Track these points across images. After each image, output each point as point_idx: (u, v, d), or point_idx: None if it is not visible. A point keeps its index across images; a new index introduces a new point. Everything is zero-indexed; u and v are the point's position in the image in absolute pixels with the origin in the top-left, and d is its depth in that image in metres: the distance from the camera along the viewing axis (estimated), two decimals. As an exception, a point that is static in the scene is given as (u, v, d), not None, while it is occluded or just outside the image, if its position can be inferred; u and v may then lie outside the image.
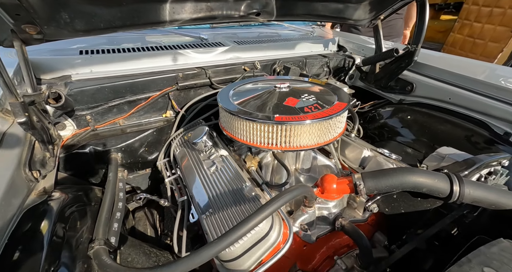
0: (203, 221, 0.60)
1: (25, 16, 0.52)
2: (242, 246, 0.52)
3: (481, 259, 0.37)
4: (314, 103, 0.66)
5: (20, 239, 0.45)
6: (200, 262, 0.43)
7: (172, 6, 0.70)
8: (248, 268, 0.53)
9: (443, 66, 1.01)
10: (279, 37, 1.31)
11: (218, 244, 0.44)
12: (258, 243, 0.54)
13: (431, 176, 0.54)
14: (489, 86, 0.88)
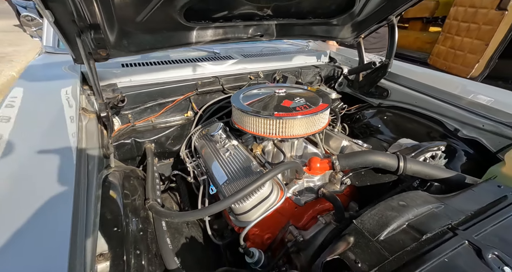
0: (222, 188, 0.83)
1: (103, 44, 0.76)
2: (250, 203, 0.74)
3: (401, 198, 0.59)
4: (304, 104, 0.89)
5: (105, 200, 0.67)
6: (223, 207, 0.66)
7: (197, 32, 0.94)
8: (254, 220, 0.75)
9: (411, 76, 1.24)
10: (278, 51, 1.55)
11: (233, 197, 0.66)
12: (262, 202, 0.76)
13: (385, 156, 0.77)
14: (444, 93, 1.11)
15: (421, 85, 1.19)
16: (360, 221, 0.56)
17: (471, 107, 1.02)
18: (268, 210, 0.75)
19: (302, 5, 0.99)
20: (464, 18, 2.44)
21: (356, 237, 0.53)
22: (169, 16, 0.79)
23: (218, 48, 1.38)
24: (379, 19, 1.16)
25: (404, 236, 0.53)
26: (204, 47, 1.38)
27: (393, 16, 1.15)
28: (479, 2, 2.30)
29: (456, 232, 0.53)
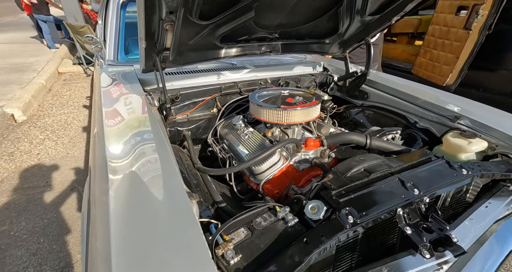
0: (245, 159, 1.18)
1: (165, 60, 1.13)
2: (265, 166, 1.09)
3: (362, 156, 0.95)
4: (301, 100, 1.25)
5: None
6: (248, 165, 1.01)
7: (225, 50, 1.31)
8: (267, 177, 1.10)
9: (385, 83, 1.61)
10: (282, 62, 1.93)
11: (254, 159, 1.01)
12: (272, 166, 1.11)
13: (357, 135, 1.14)
14: (407, 96, 1.47)
15: (391, 90, 1.56)
16: (336, 167, 0.91)
17: (425, 105, 1.38)
18: (276, 170, 1.10)
19: (300, 30, 1.37)
20: (439, 35, 2.85)
21: (332, 175, 0.88)
22: (210, 41, 1.17)
23: (235, 60, 1.75)
24: (359, 39, 1.53)
25: (360, 174, 0.88)
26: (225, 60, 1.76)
27: (369, 37, 1.52)
28: (450, 22, 2.71)
29: (392, 173, 0.88)
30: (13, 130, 2.75)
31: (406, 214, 0.78)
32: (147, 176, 0.75)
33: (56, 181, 2.06)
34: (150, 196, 0.70)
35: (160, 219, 0.64)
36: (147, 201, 0.68)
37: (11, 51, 5.95)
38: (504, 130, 1.11)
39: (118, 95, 1.19)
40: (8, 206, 1.78)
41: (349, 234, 0.69)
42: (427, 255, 0.72)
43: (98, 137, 0.97)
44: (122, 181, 0.74)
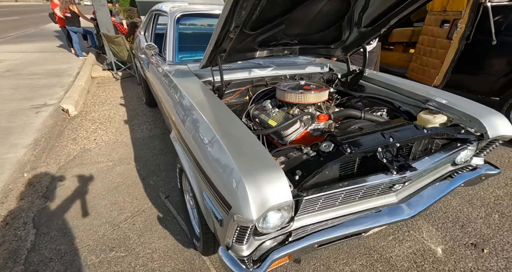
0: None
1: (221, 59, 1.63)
2: (290, 130, 1.56)
3: (357, 121, 1.43)
4: (315, 87, 1.74)
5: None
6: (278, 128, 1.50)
7: (259, 52, 1.82)
8: (291, 138, 1.57)
9: (377, 78, 2.10)
10: (296, 63, 2.43)
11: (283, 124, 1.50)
12: (295, 131, 1.58)
13: (354, 111, 1.62)
14: (393, 87, 1.95)
15: (382, 83, 2.04)
16: (340, 125, 1.40)
17: (406, 94, 1.86)
18: (298, 134, 1.58)
19: (313, 38, 1.88)
20: (428, 44, 3.36)
21: (337, 129, 1.37)
22: (251, 45, 1.68)
23: (261, 61, 2.27)
24: (357, 45, 2.03)
25: (355, 129, 1.36)
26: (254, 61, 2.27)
27: (364, 43, 2.02)
28: (436, 33, 3.23)
29: (377, 130, 1.36)
30: (69, 122, 3.29)
31: (383, 152, 1.24)
32: (225, 117, 1.26)
33: (115, 157, 2.56)
34: (234, 126, 1.20)
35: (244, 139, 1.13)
36: (234, 129, 1.18)
37: (45, 59, 6.58)
38: (458, 108, 1.58)
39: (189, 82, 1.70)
40: (84, 174, 2.29)
41: (347, 158, 1.15)
42: (394, 173, 1.18)
43: (183, 104, 1.48)
44: (209, 117, 1.25)
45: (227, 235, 1.00)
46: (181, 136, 1.40)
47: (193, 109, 1.38)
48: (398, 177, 1.19)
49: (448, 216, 1.92)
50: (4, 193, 2.05)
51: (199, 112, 1.32)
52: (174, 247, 1.66)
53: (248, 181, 0.90)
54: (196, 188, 1.24)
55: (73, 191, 2.11)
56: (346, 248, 1.67)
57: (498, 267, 1.55)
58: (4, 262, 1.52)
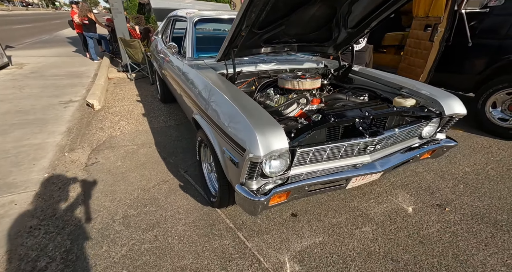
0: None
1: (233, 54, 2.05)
2: (289, 110, 1.95)
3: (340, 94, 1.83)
4: (309, 76, 2.14)
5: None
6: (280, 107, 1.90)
7: (264, 48, 2.23)
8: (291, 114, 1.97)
9: (363, 71, 2.50)
10: (295, 60, 2.84)
11: (284, 104, 1.90)
12: (293, 110, 1.97)
13: (341, 94, 2.02)
14: (375, 78, 2.35)
15: (366, 76, 2.44)
16: (326, 103, 1.80)
17: (385, 83, 2.26)
18: (295, 112, 1.97)
19: (309, 37, 2.29)
20: (414, 45, 3.77)
21: (326, 106, 1.76)
22: (257, 42, 2.09)
23: (265, 57, 2.68)
24: (346, 44, 2.45)
25: (340, 107, 1.76)
26: (260, 56, 2.68)
27: (352, 42, 2.43)
28: (421, 36, 3.64)
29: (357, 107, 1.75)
30: (94, 115, 3.72)
31: (360, 122, 1.63)
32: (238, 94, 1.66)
33: (138, 142, 2.97)
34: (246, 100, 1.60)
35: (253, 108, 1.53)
36: (245, 101, 1.59)
37: (63, 63, 7.08)
38: (423, 93, 1.97)
39: (208, 73, 2.12)
40: (114, 154, 2.69)
41: (330, 124, 1.53)
42: (367, 136, 1.57)
43: (207, 87, 1.89)
44: (227, 94, 1.65)
45: (242, 173, 1.39)
46: (205, 112, 1.80)
47: (214, 90, 1.79)
48: (369, 140, 1.57)
49: (421, 186, 2.29)
50: (52, 167, 2.46)
51: (219, 91, 1.73)
52: (195, 205, 2.04)
53: (258, 132, 1.30)
54: (217, 146, 1.64)
55: (108, 166, 2.51)
56: (334, 207, 2.05)
57: (455, 219, 1.92)
58: (65, 212, 1.92)
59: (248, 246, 1.69)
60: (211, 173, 2.11)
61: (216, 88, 1.79)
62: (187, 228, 1.82)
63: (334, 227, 1.85)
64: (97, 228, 1.79)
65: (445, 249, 1.67)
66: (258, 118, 1.43)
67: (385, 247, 1.69)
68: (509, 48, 3.04)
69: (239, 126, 1.41)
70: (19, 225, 1.79)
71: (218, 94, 1.73)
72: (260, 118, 1.43)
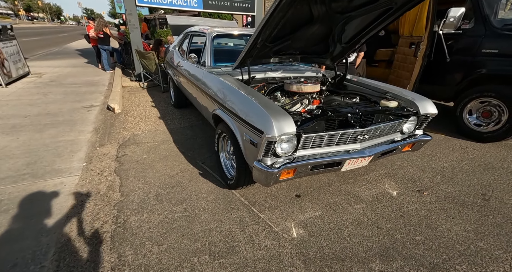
0: (283, 108, 2.49)
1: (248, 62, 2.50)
2: (294, 108, 2.39)
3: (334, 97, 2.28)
4: (311, 82, 2.59)
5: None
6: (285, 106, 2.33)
7: (273, 58, 2.69)
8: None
9: (356, 79, 2.96)
10: (298, 69, 3.31)
11: (289, 103, 2.33)
12: (297, 109, 2.40)
13: (337, 97, 2.46)
14: (365, 85, 2.81)
15: (358, 83, 2.90)
16: (324, 102, 2.24)
17: (374, 89, 2.71)
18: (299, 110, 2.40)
19: (310, 50, 2.76)
20: (401, 60, 4.29)
21: (324, 104, 2.20)
22: (268, 53, 2.55)
23: (272, 66, 3.14)
24: (341, 56, 2.92)
25: (335, 105, 2.20)
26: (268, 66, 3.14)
27: (346, 55, 2.91)
28: (407, 52, 4.16)
29: (349, 105, 2.19)
30: (116, 117, 4.13)
31: (352, 117, 2.06)
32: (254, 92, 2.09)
33: (159, 139, 3.38)
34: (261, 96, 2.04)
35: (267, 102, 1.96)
36: (260, 97, 2.02)
37: (78, 73, 7.56)
38: (403, 96, 2.42)
39: (227, 77, 2.56)
40: (139, 149, 3.09)
41: (328, 117, 1.96)
42: (358, 127, 2.00)
43: (227, 88, 2.32)
44: (246, 92, 2.07)
45: (260, 151, 1.80)
46: (227, 107, 2.22)
47: (235, 90, 2.22)
48: (359, 130, 2.00)
49: (405, 177, 2.70)
50: (89, 158, 2.85)
51: (240, 91, 2.16)
52: (214, 187, 2.43)
53: (273, 119, 1.72)
54: (238, 133, 2.05)
55: (136, 158, 2.90)
56: (332, 190, 2.44)
57: (431, 200, 2.31)
58: (107, 190, 2.29)
59: (261, 216, 2.07)
60: (227, 160, 2.51)
61: (236, 88, 2.23)
62: (209, 203, 2.20)
63: (331, 205, 2.24)
64: (136, 202, 2.16)
65: (420, 220, 2.06)
66: (272, 109, 1.85)
67: (372, 219, 2.07)
68: (479, 64, 3.54)
69: (258, 115, 1.83)
70: (72, 199, 2.16)
71: (239, 92, 2.16)
72: (273, 109, 1.86)
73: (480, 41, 3.54)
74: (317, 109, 2.04)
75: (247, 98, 2.04)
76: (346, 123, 2.06)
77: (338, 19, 2.31)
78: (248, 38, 3.96)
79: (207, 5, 6.35)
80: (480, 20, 3.58)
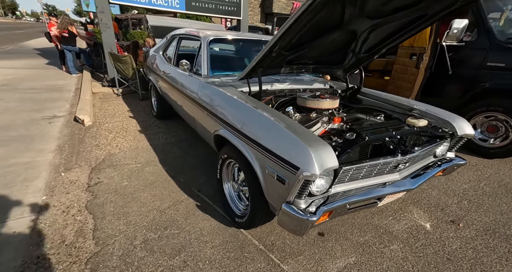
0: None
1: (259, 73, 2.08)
2: (314, 128, 2.00)
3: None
4: (329, 96, 2.22)
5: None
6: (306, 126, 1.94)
7: (283, 69, 2.30)
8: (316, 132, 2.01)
9: (370, 93, 2.66)
10: (304, 80, 2.94)
11: (310, 122, 1.94)
12: (317, 129, 2.02)
13: (361, 114, 2.11)
14: (384, 100, 2.50)
15: (374, 97, 2.59)
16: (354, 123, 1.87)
17: (394, 104, 2.41)
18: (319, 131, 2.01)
19: (325, 60, 2.41)
20: (400, 71, 4.10)
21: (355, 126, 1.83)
22: (281, 63, 2.15)
23: (278, 77, 2.75)
24: (355, 67, 2.60)
25: (368, 126, 1.83)
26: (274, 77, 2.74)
27: (361, 66, 2.59)
28: (407, 63, 3.98)
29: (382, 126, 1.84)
30: (85, 131, 3.48)
31: (389, 141, 1.72)
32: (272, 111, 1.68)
33: (142, 160, 2.82)
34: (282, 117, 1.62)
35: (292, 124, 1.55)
36: (283, 118, 1.61)
37: (38, 75, 6.65)
38: (434, 114, 2.13)
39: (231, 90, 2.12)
40: (118, 173, 2.52)
41: (366, 142, 1.59)
42: (399, 154, 1.65)
43: (237, 105, 1.88)
44: (262, 110, 1.65)
45: (291, 192, 1.37)
46: (237, 129, 1.77)
47: (247, 107, 1.79)
48: (401, 158, 1.65)
49: (431, 203, 2.41)
50: (50, 189, 2.23)
51: (255, 109, 1.73)
52: (218, 226, 1.95)
53: (312, 150, 1.31)
54: (257, 164, 1.60)
55: (114, 186, 2.33)
56: (357, 225, 2.07)
57: (471, 235, 2.02)
58: (75, 237, 1.72)
59: (284, 269, 1.63)
60: (234, 192, 2.05)
61: (249, 105, 1.79)
62: (216, 251, 1.72)
63: (364, 246, 1.86)
64: (117, 255, 1.62)
65: (472, 266, 1.74)
66: (304, 135, 1.44)
67: (417, 265, 1.72)
68: (484, 77, 3.42)
69: (288, 144, 1.41)
70: (24, 255, 1.57)
71: (254, 111, 1.73)
72: (306, 135, 1.45)
73: (485, 54, 3.42)
74: (351, 132, 1.66)
75: (268, 119, 1.61)
76: (379, 148, 1.71)
77: (367, 25, 1.97)
78: (246, 44, 3.56)
79: (190, 6, 5.84)
80: (484, 33, 3.47)
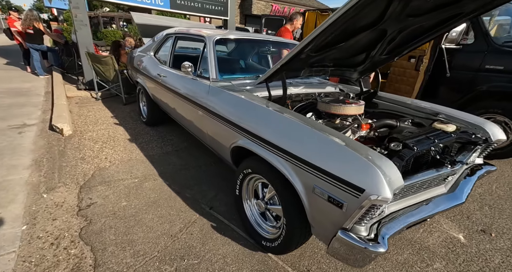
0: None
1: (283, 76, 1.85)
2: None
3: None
4: (354, 101, 2.04)
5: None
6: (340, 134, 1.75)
7: (303, 71, 2.09)
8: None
9: (386, 96, 2.53)
10: (313, 84, 2.76)
11: (342, 131, 1.75)
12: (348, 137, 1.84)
13: (391, 120, 1.96)
14: (403, 103, 2.38)
15: (391, 100, 2.47)
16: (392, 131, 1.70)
17: (415, 109, 2.29)
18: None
19: (344, 62, 2.23)
20: (399, 74, 4.07)
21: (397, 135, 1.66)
22: (303, 65, 1.94)
23: (291, 81, 2.53)
24: (372, 69, 2.46)
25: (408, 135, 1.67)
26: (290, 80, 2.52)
27: (377, 68, 2.45)
28: (405, 65, 3.95)
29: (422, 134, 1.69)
30: (66, 141, 3.05)
31: (434, 150, 1.57)
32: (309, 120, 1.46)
33: (138, 174, 2.47)
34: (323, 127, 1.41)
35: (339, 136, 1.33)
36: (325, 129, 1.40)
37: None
38: (463, 119, 2.03)
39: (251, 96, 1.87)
40: (112, 192, 2.17)
41: (414, 154, 1.43)
42: (449, 166, 1.50)
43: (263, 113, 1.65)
44: (299, 120, 1.44)
45: (351, 217, 1.16)
46: (269, 141, 1.53)
47: (281, 116, 1.55)
48: (450, 170, 1.51)
49: (454, 211, 2.32)
50: (31, 214, 1.84)
51: (291, 118, 1.50)
52: (242, 251, 1.69)
53: (378, 167, 1.10)
54: (299, 182, 1.37)
55: (111, 208, 1.99)
56: (392, 241, 1.91)
57: (507, 246, 1.93)
58: (74, 280, 1.38)
59: (330, 301, 1.41)
60: (256, 212, 1.80)
61: (283, 115, 1.56)
62: (248, 285, 1.47)
63: (406, 266, 1.69)
64: (131, 300, 1.32)
65: (521, 280, 1.63)
66: (359, 149, 1.24)
67: (467, 285, 1.58)
68: (482, 80, 3.46)
69: (343, 159, 1.20)
70: (8, 310, 1.22)
71: (290, 120, 1.50)
72: (361, 149, 1.24)
73: (483, 56, 3.46)
74: (395, 143, 1.49)
75: (310, 130, 1.39)
76: (421, 159, 1.57)
77: (401, 23, 1.81)
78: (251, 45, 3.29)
79: (175, 5, 5.48)
80: (481, 36, 3.51)
